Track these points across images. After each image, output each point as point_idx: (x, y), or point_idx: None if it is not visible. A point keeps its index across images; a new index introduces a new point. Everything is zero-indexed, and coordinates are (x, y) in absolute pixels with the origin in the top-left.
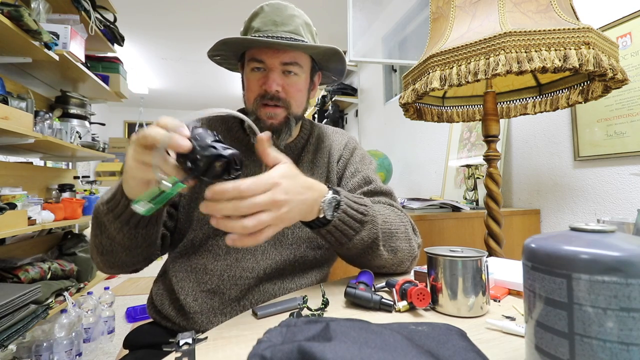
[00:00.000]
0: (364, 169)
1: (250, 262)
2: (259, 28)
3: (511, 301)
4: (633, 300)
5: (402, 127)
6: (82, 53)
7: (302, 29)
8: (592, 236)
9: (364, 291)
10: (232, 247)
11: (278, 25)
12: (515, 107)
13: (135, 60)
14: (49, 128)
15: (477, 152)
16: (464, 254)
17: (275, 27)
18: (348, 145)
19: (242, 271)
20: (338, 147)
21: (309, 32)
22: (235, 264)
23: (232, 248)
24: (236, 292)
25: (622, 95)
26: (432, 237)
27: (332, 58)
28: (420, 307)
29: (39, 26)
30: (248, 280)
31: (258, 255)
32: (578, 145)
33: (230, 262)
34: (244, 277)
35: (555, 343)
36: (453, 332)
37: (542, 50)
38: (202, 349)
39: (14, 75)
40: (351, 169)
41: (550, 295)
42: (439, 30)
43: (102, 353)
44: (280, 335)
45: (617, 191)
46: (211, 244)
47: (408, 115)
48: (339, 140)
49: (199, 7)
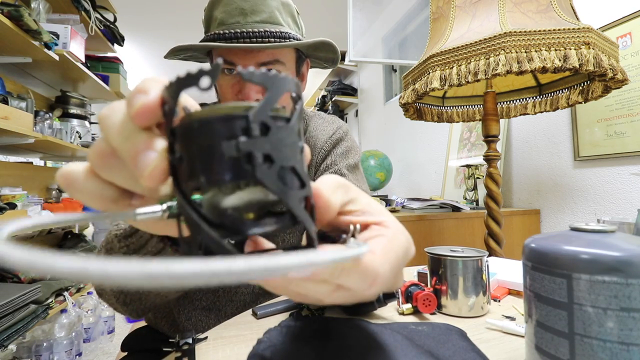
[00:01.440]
0: (342, 162)
1: None
2: (223, 20)
3: (511, 301)
4: (633, 300)
5: (402, 127)
6: (82, 53)
7: (279, 13)
8: (592, 236)
9: None
10: None
11: (247, 14)
12: (515, 107)
13: (136, 60)
14: (49, 128)
15: (477, 152)
16: (464, 254)
17: (244, 18)
18: (333, 136)
19: (237, 287)
20: (323, 139)
21: (289, 15)
22: None
23: None
24: (232, 309)
25: (622, 95)
26: (432, 237)
27: (320, 47)
28: (425, 312)
29: (39, 26)
30: (244, 296)
31: None
32: (578, 145)
33: None
34: (239, 293)
35: (556, 343)
36: (453, 332)
37: (542, 50)
38: (202, 348)
39: (14, 75)
40: (327, 162)
41: (551, 295)
42: (439, 30)
43: (102, 353)
44: (280, 335)
45: (617, 191)
46: None
47: (408, 115)
48: (327, 131)
49: (199, 6)
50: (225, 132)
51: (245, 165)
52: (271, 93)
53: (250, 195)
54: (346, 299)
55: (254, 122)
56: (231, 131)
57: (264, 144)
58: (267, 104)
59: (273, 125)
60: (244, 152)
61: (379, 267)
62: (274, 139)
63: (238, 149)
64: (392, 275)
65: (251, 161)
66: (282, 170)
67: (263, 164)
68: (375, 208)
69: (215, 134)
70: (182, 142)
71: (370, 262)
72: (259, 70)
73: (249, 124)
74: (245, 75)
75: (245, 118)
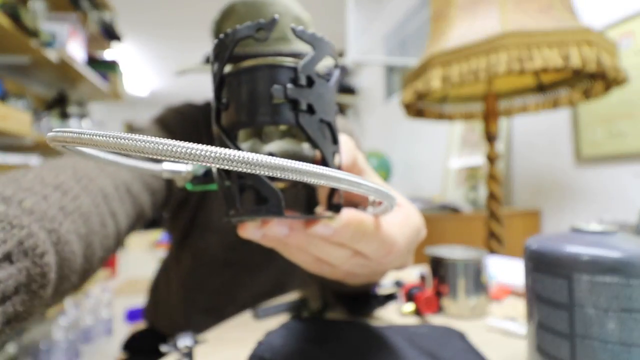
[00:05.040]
0: None
1: (246, 277)
2: None
3: (512, 302)
4: (634, 301)
5: (402, 126)
6: (80, 52)
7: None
8: (593, 237)
9: None
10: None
11: None
12: (517, 107)
13: (136, 60)
14: (47, 128)
15: (478, 152)
16: (465, 255)
17: None
18: None
19: (238, 288)
20: None
21: None
22: (232, 281)
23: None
24: (232, 311)
25: (625, 95)
26: (433, 237)
27: None
28: (426, 313)
29: (36, 25)
30: (244, 297)
31: (254, 270)
32: (580, 146)
33: (227, 278)
34: (240, 294)
35: (557, 344)
36: (453, 334)
37: (544, 50)
38: (202, 350)
39: (12, 75)
40: None
41: (551, 296)
42: (439, 30)
43: (101, 354)
44: (280, 337)
45: (618, 191)
46: (209, 258)
47: (408, 115)
48: None
49: (199, 6)
50: (275, 78)
51: (290, 110)
52: (317, 52)
53: (287, 145)
54: (362, 268)
55: (302, 72)
56: (280, 78)
57: (309, 94)
58: (314, 61)
59: (317, 80)
60: (291, 98)
61: (397, 237)
62: (316, 92)
63: (286, 94)
64: (405, 249)
65: (296, 107)
66: (321, 122)
67: (306, 113)
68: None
69: (265, 79)
70: (231, 87)
71: (389, 230)
72: (308, 31)
73: (297, 74)
74: (297, 32)
75: (294, 69)
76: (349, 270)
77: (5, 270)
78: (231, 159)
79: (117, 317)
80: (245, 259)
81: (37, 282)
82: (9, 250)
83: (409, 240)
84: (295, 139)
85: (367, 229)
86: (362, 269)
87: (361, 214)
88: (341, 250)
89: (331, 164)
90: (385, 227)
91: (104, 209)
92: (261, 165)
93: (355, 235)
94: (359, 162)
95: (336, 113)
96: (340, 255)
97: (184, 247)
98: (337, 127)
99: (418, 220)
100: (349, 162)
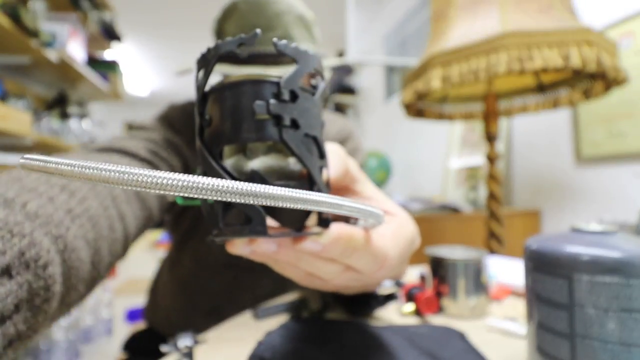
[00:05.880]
0: None
1: (248, 279)
2: (234, 36)
3: (512, 302)
4: (634, 301)
5: (402, 126)
6: (80, 53)
7: (294, 28)
8: (593, 237)
9: None
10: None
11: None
12: (517, 107)
13: (136, 60)
14: (47, 128)
15: (478, 152)
16: (465, 255)
17: None
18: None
19: (239, 290)
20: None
21: (304, 28)
22: (233, 283)
23: (230, 264)
24: (233, 313)
25: (625, 95)
26: (433, 238)
27: None
28: (427, 313)
29: (37, 25)
30: (246, 300)
31: (256, 272)
32: (580, 146)
33: (228, 280)
34: (242, 296)
35: (557, 344)
36: (453, 334)
37: (544, 50)
38: (201, 350)
39: (12, 75)
40: None
41: (551, 296)
42: (439, 30)
43: (101, 354)
44: (280, 337)
45: (618, 191)
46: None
47: (408, 115)
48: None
49: (199, 6)
50: (257, 94)
51: (273, 126)
52: (301, 66)
53: (272, 161)
54: (354, 281)
55: (284, 87)
56: (263, 94)
57: (292, 109)
58: (297, 75)
59: (301, 94)
60: (274, 114)
61: (389, 250)
62: (300, 107)
63: (269, 110)
64: (399, 261)
65: (279, 123)
66: (306, 137)
67: (290, 128)
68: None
69: (247, 95)
70: (214, 104)
71: (381, 244)
72: (291, 44)
73: (280, 89)
74: (279, 46)
75: (277, 84)
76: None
77: (4, 287)
78: (197, 187)
79: (117, 317)
80: (246, 261)
81: (40, 296)
82: (8, 263)
83: (402, 251)
84: (281, 154)
85: (358, 244)
86: (355, 282)
87: (351, 228)
88: (332, 265)
89: (317, 179)
90: (377, 241)
91: (113, 212)
92: (230, 192)
93: (346, 250)
94: (351, 171)
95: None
96: (331, 270)
97: (185, 249)
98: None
99: (411, 229)
100: (339, 174)
